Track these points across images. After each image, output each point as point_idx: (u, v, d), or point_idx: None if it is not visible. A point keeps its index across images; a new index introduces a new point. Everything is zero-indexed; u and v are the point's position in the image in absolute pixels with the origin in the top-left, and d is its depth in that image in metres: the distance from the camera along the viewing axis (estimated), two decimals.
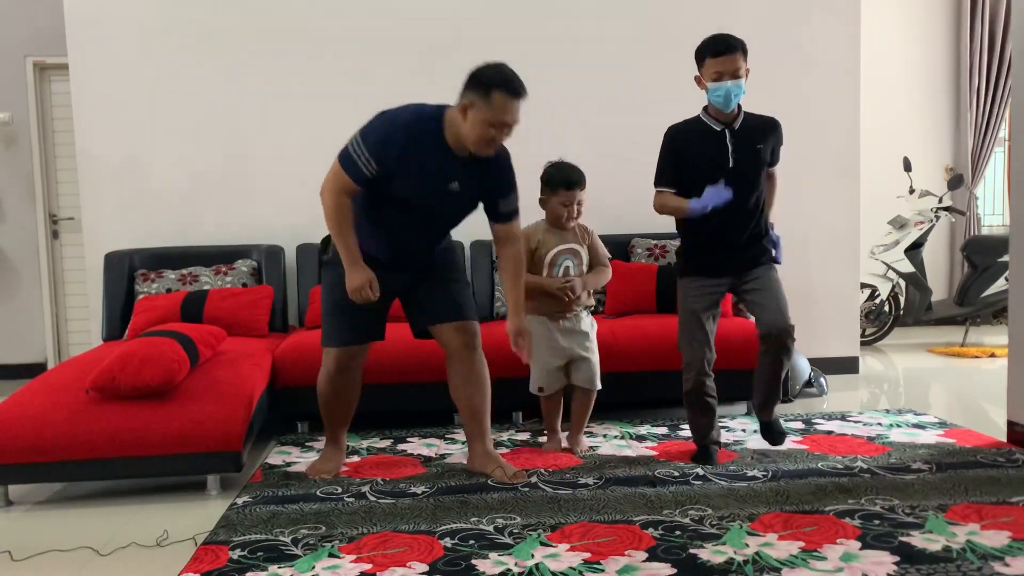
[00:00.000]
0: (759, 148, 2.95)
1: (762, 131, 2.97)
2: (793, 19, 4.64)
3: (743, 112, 2.96)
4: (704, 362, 3.01)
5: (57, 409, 2.83)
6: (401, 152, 2.64)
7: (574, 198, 3.14)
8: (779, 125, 3.02)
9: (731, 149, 2.91)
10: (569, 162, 3.18)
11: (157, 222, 4.45)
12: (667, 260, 4.28)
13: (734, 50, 2.83)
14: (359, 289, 2.73)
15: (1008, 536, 2.29)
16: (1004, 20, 6.34)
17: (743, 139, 2.93)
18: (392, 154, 2.63)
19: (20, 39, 5.30)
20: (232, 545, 2.37)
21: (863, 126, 4.83)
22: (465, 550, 2.28)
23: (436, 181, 2.72)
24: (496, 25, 4.53)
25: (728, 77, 2.83)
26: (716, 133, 2.93)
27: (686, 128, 2.99)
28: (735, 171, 2.91)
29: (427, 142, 2.67)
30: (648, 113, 4.52)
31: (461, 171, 2.74)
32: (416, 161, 2.66)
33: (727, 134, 2.92)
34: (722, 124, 2.93)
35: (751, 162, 2.94)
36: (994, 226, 6.94)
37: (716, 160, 2.91)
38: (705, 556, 2.20)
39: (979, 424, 3.59)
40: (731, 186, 2.86)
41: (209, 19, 4.44)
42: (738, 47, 2.84)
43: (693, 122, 2.98)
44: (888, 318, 5.84)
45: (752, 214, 2.98)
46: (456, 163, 2.73)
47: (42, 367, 5.27)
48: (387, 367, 3.52)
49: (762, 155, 2.96)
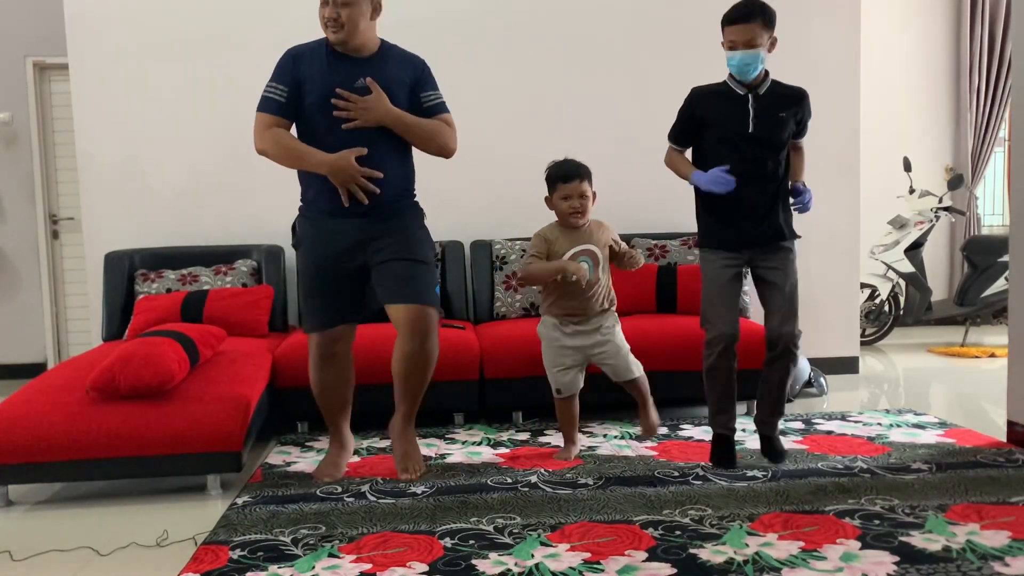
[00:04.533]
0: (782, 116, 2.89)
1: (788, 100, 2.91)
2: (793, 19, 4.62)
3: (770, 79, 2.91)
4: (727, 338, 2.88)
5: (57, 409, 2.83)
6: (297, 62, 2.80)
7: (575, 190, 3.07)
8: (806, 96, 2.96)
9: (752, 114, 2.86)
10: (571, 158, 3.14)
11: (157, 222, 4.45)
12: (667, 260, 4.28)
13: (749, 19, 2.79)
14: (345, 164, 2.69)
15: (1008, 536, 2.29)
16: (1004, 20, 6.34)
17: (766, 105, 2.88)
18: (289, 68, 2.79)
19: (20, 39, 5.30)
20: (232, 545, 2.37)
21: (863, 126, 4.83)
22: (465, 550, 2.28)
23: (339, 79, 2.76)
24: (496, 25, 4.54)
25: (741, 46, 2.80)
26: (739, 97, 2.88)
27: (710, 91, 2.94)
28: (755, 136, 2.86)
29: (318, 50, 2.82)
30: (648, 113, 4.53)
31: (365, 70, 2.78)
32: (313, 67, 2.78)
33: (750, 99, 2.87)
34: (746, 88, 2.88)
35: (772, 129, 2.88)
36: (994, 226, 6.93)
37: (737, 124, 2.86)
38: (705, 556, 2.20)
39: (979, 424, 3.59)
40: (749, 151, 2.83)
41: (209, 19, 4.44)
42: (755, 15, 2.79)
43: (718, 85, 2.94)
44: (888, 318, 5.83)
45: (770, 182, 2.90)
46: (357, 63, 2.80)
47: (42, 367, 5.26)
48: (386, 367, 3.51)
49: (785, 124, 2.90)
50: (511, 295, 4.24)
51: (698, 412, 3.87)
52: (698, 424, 3.63)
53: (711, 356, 2.92)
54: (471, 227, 4.49)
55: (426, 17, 4.44)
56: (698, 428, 3.56)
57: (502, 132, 4.52)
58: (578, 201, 3.08)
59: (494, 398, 3.72)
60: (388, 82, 2.82)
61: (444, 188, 3.96)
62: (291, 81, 2.79)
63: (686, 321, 3.86)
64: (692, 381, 3.69)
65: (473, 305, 4.35)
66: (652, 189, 4.46)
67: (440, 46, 4.39)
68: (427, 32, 4.40)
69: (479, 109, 4.35)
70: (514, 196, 4.47)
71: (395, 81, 2.84)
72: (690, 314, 4.02)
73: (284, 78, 2.79)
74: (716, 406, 3.01)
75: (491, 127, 4.47)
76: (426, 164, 3.04)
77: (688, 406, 3.96)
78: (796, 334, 2.89)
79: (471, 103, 4.12)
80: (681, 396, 3.84)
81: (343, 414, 3.09)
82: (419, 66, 2.92)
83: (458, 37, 4.50)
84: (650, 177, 4.41)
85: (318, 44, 2.85)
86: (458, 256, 4.37)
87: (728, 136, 2.88)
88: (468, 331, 3.91)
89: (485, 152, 4.40)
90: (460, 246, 4.40)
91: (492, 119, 4.49)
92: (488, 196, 4.55)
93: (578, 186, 3.07)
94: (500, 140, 4.51)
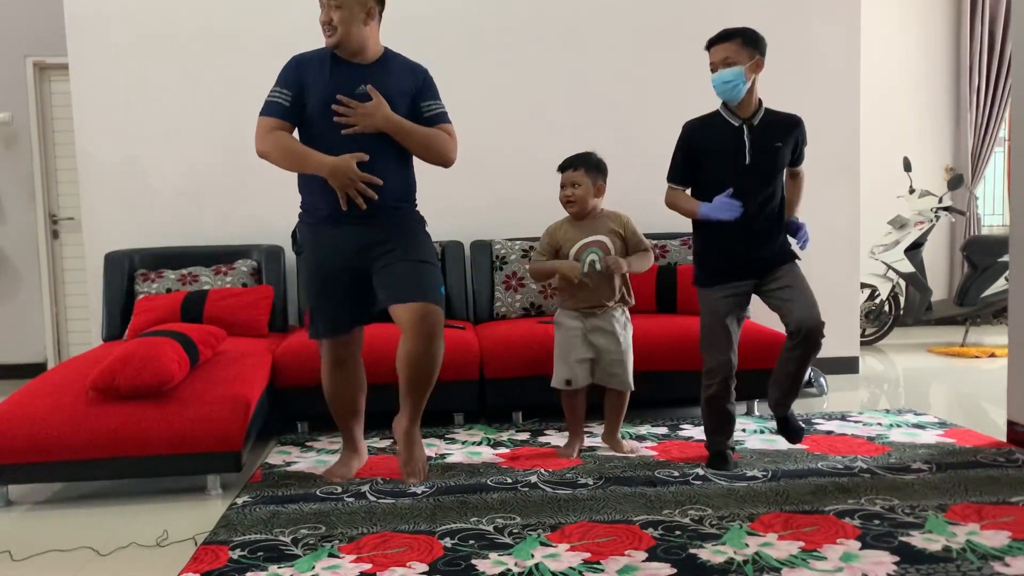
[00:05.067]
0: (778, 146, 2.88)
1: (782, 128, 2.91)
2: (793, 19, 4.64)
3: (764, 108, 2.91)
4: (728, 368, 2.91)
5: (57, 409, 2.83)
6: (301, 68, 2.81)
7: (568, 179, 3.09)
8: (801, 123, 2.95)
9: (748, 145, 2.86)
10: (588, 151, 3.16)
11: (157, 222, 4.45)
12: (667, 260, 4.29)
13: (726, 39, 2.81)
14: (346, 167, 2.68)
15: (1008, 536, 2.29)
16: (1004, 20, 6.34)
17: (762, 135, 2.87)
18: (293, 74, 2.81)
19: (20, 39, 5.30)
20: (232, 545, 2.37)
21: (863, 126, 4.83)
22: (465, 550, 2.28)
23: (340, 86, 2.77)
24: (496, 25, 4.54)
25: (720, 65, 2.81)
26: (734, 128, 2.88)
27: (703, 123, 2.95)
28: (752, 167, 2.86)
29: (322, 57, 2.83)
30: (648, 114, 4.55)
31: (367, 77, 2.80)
32: (316, 72, 2.80)
33: (745, 129, 2.87)
34: (740, 119, 2.88)
35: (769, 159, 2.88)
36: (994, 226, 6.93)
37: (733, 155, 2.86)
38: (705, 556, 2.20)
39: (979, 424, 3.59)
40: (747, 183, 2.82)
41: (209, 19, 4.44)
42: (734, 36, 2.81)
43: (711, 116, 2.94)
44: (888, 318, 5.84)
45: (767, 212, 2.90)
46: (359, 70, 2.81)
47: (42, 367, 5.27)
48: (387, 367, 3.51)
49: (781, 153, 2.90)
50: (511, 295, 4.24)
51: (698, 412, 3.84)
52: (698, 424, 3.63)
53: (711, 386, 2.95)
54: (471, 227, 4.49)
55: (426, 16, 4.45)
56: (698, 428, 3.56)
57: (502, 132, 4.52)
58: (570, 190, 3.10)
59: (494, 398, 3.72)
60: (389, 90, 2.81)
61: (444, 188, 3.96)
62: (295, 86, 2.79)
63: (686, 321, 3.86)
64: (692, 381, 3.69)
65: (473, 305, 4.35)
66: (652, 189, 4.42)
67: (440, 46, 4.40)
68: (427, 32, 4.41)
69: (479, 109, 4.35)
70: (514, 196, 4.47)
71: (396, 89, 2.84)
72: (690, 314, 4.02)
73: (288, 83, 2.80)
74: (713, 429, 3.05)
75: (491, 127, 4.47)
76: (426, 164, 3.05)
77: (688, 406, 3.96)
78: (820, 322, 2.81)
79: (471, 103, 4.13)
80: (681, 396, 3.84)
81: (355, 420, 3.07)
82: (421, 75, 2.92)
83: (458, 37, 4.50)
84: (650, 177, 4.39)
85: (323, 51, 2.85)
86: (458, 256, 4.37)
87: (724, 168, 2.87)
88: (468, 331, 3.91)
89: (485, 152, 4.40)
90: (460, 246, 4.40)
91: (492, 119, 4.49)
92: (488, 196, 4.55)
93: (571, 175, 3.09)
94: (500, 140, 4.51)
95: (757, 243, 2.91)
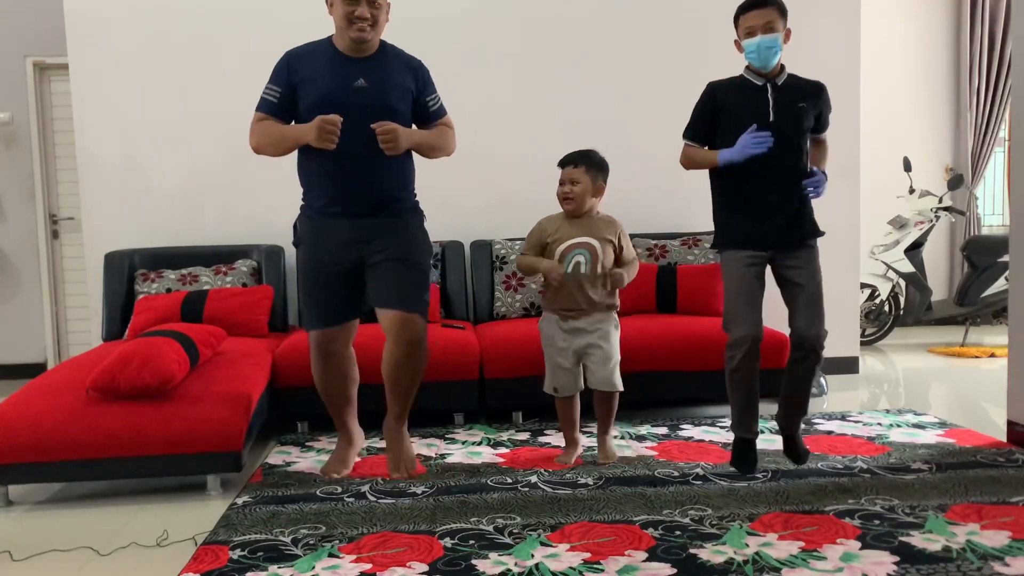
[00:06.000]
0: (802, 107, 2.84)
1: (806, 92, 2.88)
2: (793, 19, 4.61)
3: (787, 72, 2.89)
4: (752, 339, 2.77)
5: (57, 409, 2.83)
6: (295, 63, 2.85)
7: (566, 176, 3.05)
8: (825, 89, 2.92)
9: (772, 103, 2.82)
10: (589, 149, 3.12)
11: (157, 222, 4.45)
12: (667, 260, 4.29)
13: (766, 4, 2.79)
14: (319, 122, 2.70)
15: (1008, 536, 2.29)
16: (1004, 20, 6.34)
17: (786, 95, 2.84)
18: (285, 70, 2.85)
19: (20, 39, 5.30)
20: (232, 545, 2.38)
21: (863, 126, 4.83)
22: (465, 550, 2.28)
23: (338, 80, 2.81)
24: (497, 25, 4.53)
25: (760, 31, 2.78)
26: (757, 87, 2.85)
27: (727, 83, 2.91)
28: (775, 126, 2.79)
29: (318, 51, 2.87)
30: (648, 114, 4.54)
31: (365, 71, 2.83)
32: (313, 67, 2.83)
33: (769, 88, 2.84)
34: (764, 79, 2.85)
35: (793, 119, 2.83)
36: (994, 226, 6.93)
37: (756, 114, 2.80)
38: (705, 556, 2.21)
39: (979, 424, 3.59)
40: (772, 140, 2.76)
41: (209, 19, 4.44)
42: (765, 3, 2.79)
43: (735, 78, 2.91)
44: (888, 318, 5.83)
45: (793, 178, 2.83)
46: (357, 64, 2.84)
47: (42, 367, 5.26)
48: None
49: (805, 115, 2.86)
50: (511, 295, 4.24)
51: (698, 412, 3.87)
52: (698, 424, 3.63)
53: (734, 358, 2.80)
54: (471, 227, 4.49)
55: (426, 16, 4.44)
56: (698, 428, 3.56)
57: (502, 132, 4.52)
58: (569, 187, 3.05)
59: (494, 398, 3.71)
60: (388, 82, 2.85)
61: (444, 188, 3.97)
62: (286, 83, 2.85)
63: (686, 321, 3.87)
64: (692, 381, 3.72)
65: (473, 305, 4.35)
66: (652, 189, 4.46)
67: (441, 46, 4.39)
68: (427, 31, 4.40)
69: (479, 109, 4.35)
70: (514, 196, 4.47)
71: (395, 82, 2.87)
72: (690, 314, 4.03)
73: (279, 80, 2.86)
74: (740, 410, 2.89)
75: (491, 127, 4.47)
76: (426, 163, 3.05)
77: (688, 406, 3.96)
78: (822, 335, 2.81)
79: (471, 103, 4.13)
80: (681, 396, 3.84)
81: (348, 410, 3.11)
82: (419, 70, 2.96)
83: (459, 37, 4.49)
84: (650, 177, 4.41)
85: (319, 44, 2.88)
86: (458, 256, 4.37)
87: (747, 126, 2.79)
88: (468, 331, 3.91)
89: (485, 152, 4.40)
90: (460, 246, 4.41)
91: (492, 119, 4.49)
92: (488, 196, 4.55)
93: (572, 172, 3.05)
94: (500, 140, 4.51)
95: (779, 210, 2.83)
